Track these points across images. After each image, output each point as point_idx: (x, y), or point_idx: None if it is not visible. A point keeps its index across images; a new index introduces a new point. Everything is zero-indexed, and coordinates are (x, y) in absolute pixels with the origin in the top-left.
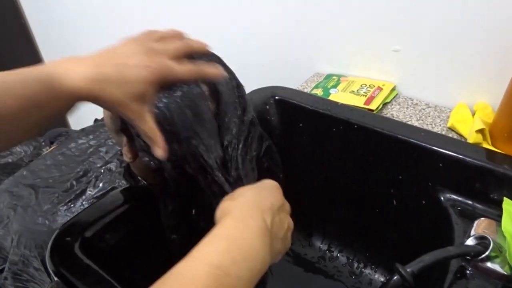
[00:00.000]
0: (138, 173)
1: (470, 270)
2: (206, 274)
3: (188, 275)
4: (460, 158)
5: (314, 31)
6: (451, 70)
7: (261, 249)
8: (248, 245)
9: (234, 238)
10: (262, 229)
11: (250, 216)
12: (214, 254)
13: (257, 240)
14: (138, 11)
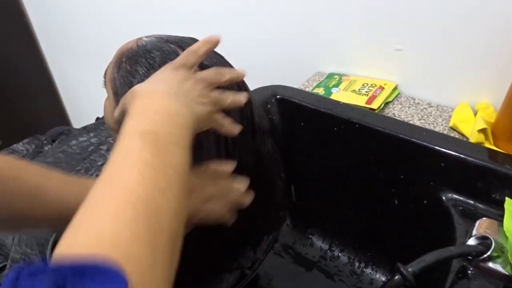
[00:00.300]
0: None
1: (472, 270)
2: (139, 140)
3: (123, 148)
4: (462, 158)
5: (316, 30)
6: (453, 69)
7: (174, 105)
8: (160, 107)
9: (145, 106)
10: (168, 93)
11: (151, 91)
12: (137, 125)
13: (166, 101)
14: (139, 11)
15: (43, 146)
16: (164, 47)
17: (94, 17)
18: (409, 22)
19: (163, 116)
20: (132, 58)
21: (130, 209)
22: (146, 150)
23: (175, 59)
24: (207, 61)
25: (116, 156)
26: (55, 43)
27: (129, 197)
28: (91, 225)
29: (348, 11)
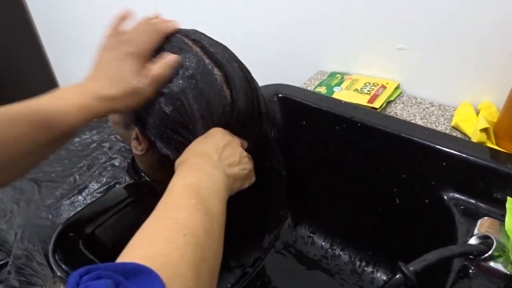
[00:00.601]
0: (144, 168)
1: (473, 269)
2: (186, 190)
3: (171, 198)
4: (464, 157)
5: (318, 29)
6: (456, 68)
7: (215, 171)
8: (204, 169)
9: (192, 168)
10: (210, 161)
11: (197, 158)
12: (183, 180)
13: (209, 166)
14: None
15: None
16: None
17: (95, 14)
18: (411, 21)
19: (205, 175)
20: None
21: (181, 237)
22: (192, 197)
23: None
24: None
25: (167, 199)
26: (57, 40)
27: (179, 228)
28: (145, 245)
29: (351, 10)
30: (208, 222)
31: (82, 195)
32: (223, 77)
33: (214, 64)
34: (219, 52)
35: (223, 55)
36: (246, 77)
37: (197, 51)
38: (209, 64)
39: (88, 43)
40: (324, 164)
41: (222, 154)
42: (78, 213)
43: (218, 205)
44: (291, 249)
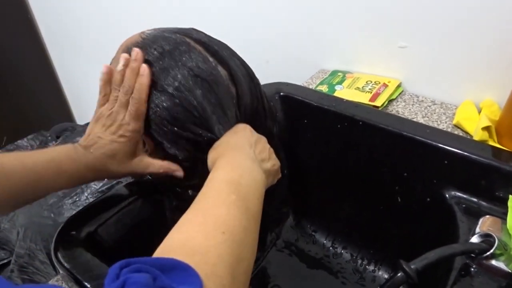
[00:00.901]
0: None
1: (475, 268)
2: (226, 185)
3: (212, 189)
4: (465, 156)
5: (319, 27)
6: (458, 67)
7: (254, 166)
8: (244, 164)
9: (232, 163)
10: (248, 156)
11: (234, 151)
12: (224, 175)
13: (248, 161)
14: (144, 7)
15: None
16: (171, 36)
17: (98, 15)
18: (413, 19)
19: (245, 172)
20: (141, 49)
21: (219, 235)
22: (233, 193)
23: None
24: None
25: (206, 194)
26: (59, 40)
27: (219, 225)
28: (184, 241)
29: (352, 8)
30: (246, 220)
31: (84, 194)
32: (227, 74)
33: (217, 61)
34: (220, 49)
35: (225, 52)
36: (248, 73)
37: (200, 50)
38: (213, 62)
39: (91, 43)
40: (325, 163)
41: (256, 149)
42: (80, 212)
43: (256, 203)
44: (292, 248)
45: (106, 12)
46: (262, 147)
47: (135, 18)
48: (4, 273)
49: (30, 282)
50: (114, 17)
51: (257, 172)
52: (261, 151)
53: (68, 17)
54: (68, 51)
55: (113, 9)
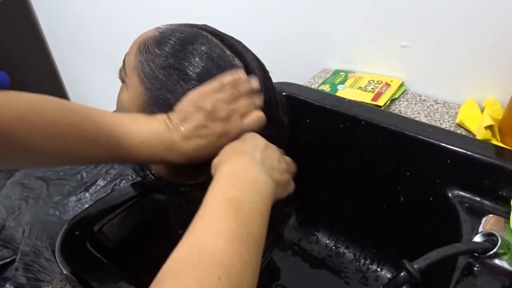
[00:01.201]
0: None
1: (478, 267)
2: (225, 207)
3: (210, 213)
4: (468, 155)
5: (322, 26)
6: (460, 66)
7: (260, 174)
8: (247, 175)
9: (233, 173)
10: (253, 161)
11: (239, 157)
12: (224, 191)
13: (253, 169)
14: (145, 8)
15: None
16: (187, 29)
17: (100, 15)
18: (415, 18)
19: (249, 184)
20: (160, 42)
21: (215, 279)
22: (231, 218)
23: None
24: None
25: (204, 218)
26: (62, 40)
27: (216, 268)
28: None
29: (354, 7)
30: (247, 252)
31: (89, 192)
32: (244, 66)
33: (234, 54)
34: (236, 43)
35: (239, 46)
36: (261, 66)
37: (217, 43)
38: (230, 55)
39: (93, 43)
40: (328, 162)
41: (263, 155)
42: (84, 211)
43: (260, 223)
44: (295, 247)
45: (108, 12)
46: (271, 154)
47: (137, 19)
48: (8, 271)
49: (35, 281)
50: (116, 17)
51: (263, 182)
52: (270, 158)
53: (71, 18)
54: (70, 51)
55: (115, 9)
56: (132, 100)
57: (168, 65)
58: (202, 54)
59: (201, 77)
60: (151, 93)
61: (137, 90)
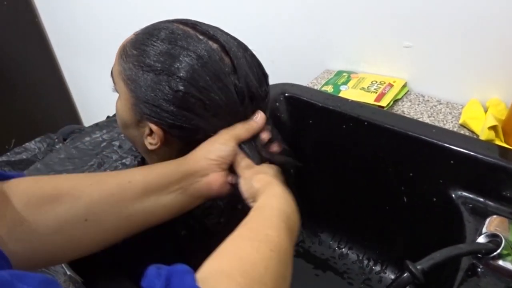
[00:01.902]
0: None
1: (481, 268)
2: (278, 215)
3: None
4: (472, 155)
5: (324, 27)
6: (463, 66)
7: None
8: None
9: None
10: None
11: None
12: (277, 204)
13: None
14: (149, 9)
15: (54, 144)
16: (159, 25)
17: (104, 17)
18: (418, 18)
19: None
20: (136, 43)
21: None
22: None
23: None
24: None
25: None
26: (66, 43)
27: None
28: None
29: (357, 8)
30: (291, 245)
31: None
32: (219, 47)
33: (208, 38)
34: (210, 28)
35: (213, 29)
36: (240, 45)
37: (188, 30)
38: (202, 39)
39: (97, 46)
40: (331, 163)
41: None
42: None
43: (295, 239)
44: (298, 249)
45: (112, 15)
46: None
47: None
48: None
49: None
50: (120, 20)
51: (295, 209)
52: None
53: (75, 20)
54: (75, 54)
55: (119, 11)
56: (124, 105)
57: (144, 63)
58: (170, 43)
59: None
60: (136, 94)
61: (125, 94)
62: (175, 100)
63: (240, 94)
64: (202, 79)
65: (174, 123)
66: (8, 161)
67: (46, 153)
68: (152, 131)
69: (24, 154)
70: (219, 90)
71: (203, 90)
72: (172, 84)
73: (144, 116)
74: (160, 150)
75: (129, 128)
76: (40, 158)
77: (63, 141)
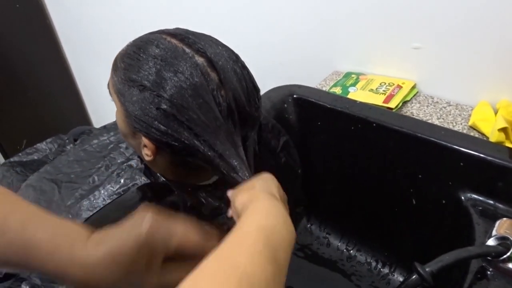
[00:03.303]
0: (160, 171)
1: (491, 271)
2: (255, 234)
3: (236, 240)
4: (481, 157)
5: (332, 28)
6: (473, 67)
7: (286, 216)
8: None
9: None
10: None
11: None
12: (256, 221)
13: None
14: (160, 11)
15: (65, 145)
16: (152, 35)
17: (114, 19)
18: (427, 19)
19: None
20: (125, 56)
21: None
22: (261, 242)
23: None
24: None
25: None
26: (77, 45)
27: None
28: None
29: (366, 9)
30: (273, 267)
31: (101, 196)
32: (205, 61)
33: (194, 51)
34: (198, 40)
35: (203, 41)
36: (231, 56)
37: (175, 43)
38: (189, 53)
39: (107, 48)
40: (339, 165)
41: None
42: (96, 214)
43: (286, 257)
44: (306, 250)
45: (122, 17)
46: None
47: (152, 24)
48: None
49: (49, 282)
50: (131, 22)
51: (287, 223)
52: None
53: (86, 23)
54: (85, 57)
55: (130, 14)
56: (119, 117)
57: (129, 78)
58: (155, 58)
59: (156, 83)
60: (125, 108)
61: (118, 106)
62: (158, 118)
63: (225, 110)
64: (181, 97)
65: (161, 139)
66: (20, 161)
67: (57, 153)
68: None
69: (35, 155)
70: (199, 108)
71: (181, 108)
72: (154, 101)
73: (135, 129)
74: (157, 161)
75: (128, 138)
76: (51, 158)
77: (73, 142)
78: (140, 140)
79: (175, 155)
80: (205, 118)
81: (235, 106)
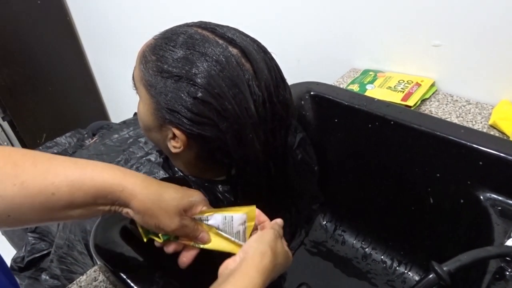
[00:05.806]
0: (181, 166)
1: (510, 272)
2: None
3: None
4: (502, 157)
5: (351, 26)
6: (494, 65)
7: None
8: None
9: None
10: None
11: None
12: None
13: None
14: (178, 9)
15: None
16: (177, 29)
17: (133, 15)
18: (447, 16)
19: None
20: (155, 48)
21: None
22: None
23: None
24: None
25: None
26: (96, 41)
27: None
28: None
29: (385, 6)
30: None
31: None
32: (239, 52)
33: (227, 42)
34: (228, 31)
35: (232, 32)
36: (260, 48)
37: (207, 34)
38: (222, 44)
39: (125, 44)
40: (356, 162)
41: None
42: None
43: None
44: (321, 247)
45: (141, 14)
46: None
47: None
48: (44, 263)
49: (69, 272)
50: (149, 19)
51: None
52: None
53: (105, 19)
54: (104, 53)
55: (148, 11)
56: (146, 110)
57: (162, 69)
58: (189, 49)
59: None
60: (157, 100)
61: (146, 99)
62: (193, 107)
63: (259, 100)
64: (218, 85)
65: (193, 129)
66: None
67: (76, 147)
68: (175, 135)
69: (55, 148)
70: (234, 97)
71: (218, 97)
72: (190, 91)
73: (166, 121)
74: (184, 153)
75: (151, 132)
76: (70, 152)
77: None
78: (167, 132)
79: (204, 147)
80: (238, 108)
81: (267, 96)
